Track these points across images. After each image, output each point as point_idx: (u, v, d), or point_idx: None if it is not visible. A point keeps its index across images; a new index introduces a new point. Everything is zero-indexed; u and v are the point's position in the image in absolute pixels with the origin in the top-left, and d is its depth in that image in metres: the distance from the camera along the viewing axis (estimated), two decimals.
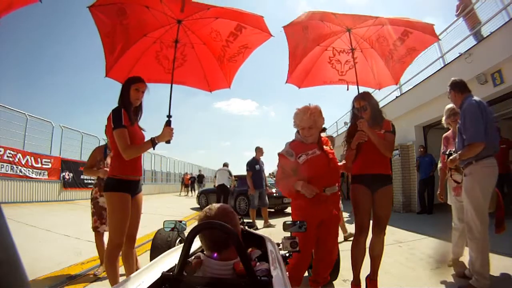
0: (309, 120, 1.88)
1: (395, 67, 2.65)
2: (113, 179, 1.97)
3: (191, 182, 18.52)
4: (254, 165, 5.96)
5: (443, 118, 2.91)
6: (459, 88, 2.41)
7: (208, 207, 1.15)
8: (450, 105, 2.78)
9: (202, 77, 2.68)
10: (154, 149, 2.06)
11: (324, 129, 4.90)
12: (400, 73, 2.73)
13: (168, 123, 2.05)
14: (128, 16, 2.10)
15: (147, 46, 2.38)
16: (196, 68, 2.62)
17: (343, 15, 2.25)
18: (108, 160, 2.87)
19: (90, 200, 2.96)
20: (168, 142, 2.03)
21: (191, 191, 18.21)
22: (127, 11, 2.08)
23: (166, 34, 2.32)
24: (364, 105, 2.25)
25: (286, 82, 2.69)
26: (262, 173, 6.12)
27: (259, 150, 6.10)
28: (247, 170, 5.96)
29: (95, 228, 2.85)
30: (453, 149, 2.58)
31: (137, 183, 2.09)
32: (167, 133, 2.01)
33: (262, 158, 6.18)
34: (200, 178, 17.72)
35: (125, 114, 1.95)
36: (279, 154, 1.98)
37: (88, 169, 2.95)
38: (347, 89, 2.77)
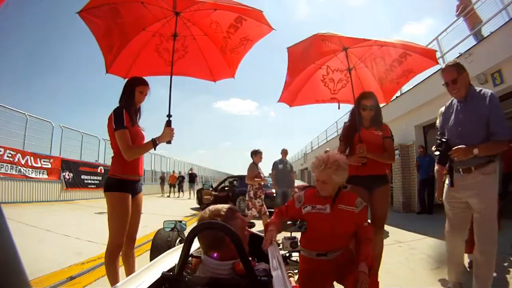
0: (322, 174, 1.57)
1: (388, 87, 2.65)
2: (114, 179, 1.97)
3: (179, 181, 16.46)
4: (277, 164, 6.26)
5: (437, 121, 2.87)
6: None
7: (209, 207, 1.16)
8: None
9: (205, 67, 2.64)
10: (155, 149, 2.06)
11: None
12: (392, 93, 2.73)
13: (168, 123, 2.03)
14: (123, 15, 2.09)
15: (146, 40, 2.37)
16: (198, 59, 2.58)
17: (345, 37, 2.22)
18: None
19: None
20: (169, 142, 2.01)
21: (180, 191, 16.27)
22: (120, 10, 2.06)
23: (165, 27, 2.29)
24: (371, 105, 2.25)
25: (278, 101, 2.71)
26: (286, 172, 6.28)
27: (284, 152, 6.41)
28: (272, 170, 6.32)
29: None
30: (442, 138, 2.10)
31: (137, 183, 2.09)
32: (167, 134, 2.00)
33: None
34: (192, 177, 15.81)
35: (127, 115, 1.95)
36: (293, 196, 1.79)
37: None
38: (338, 108, 2.80)
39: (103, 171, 11.75)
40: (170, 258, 1.25)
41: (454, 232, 2.15)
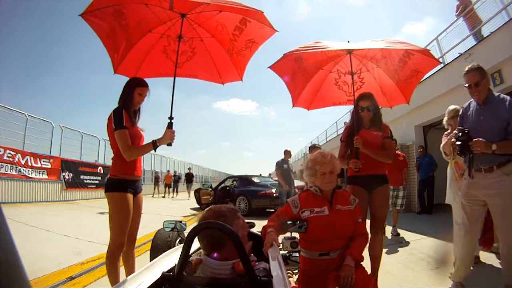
0: (329, 165, 1.66)
1: (403, 87, 2.64)
2: (114, 179, 1.97)
3: (174, 181, 15.94)
4: (282, 164, 6.38)
5: (445, 119, 2.84)
6: None
7: (209, 207, 1.16)
8: (453, 106, 2.73)
9: (213, 70, 2.63)
10: (155, 151, 2.06)
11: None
12: (409, 93, 2.67)
13: (169, 126, 2.03)
14: (126, 16, 2.09)
15: (154, 41, 2.37)
16: (206, 61, 2.57)
17: (307, 53, 2.31)
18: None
19: None
20: (169, 145, 2.02)
21: (174, 192, 15.68)
22: (124, 11, 2.06)
23: (172, 29, 2.29)
24: (368, 106, 2.26)
25: (293, 106, 2.75)
26: (290, 172, 6.44)
27: (287, 152, 6.54)
28: (276, 169, 6.44)
29: None
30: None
31: (137, 183, 2.09)
32: (168, 136, 2.00)
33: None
34: (189, 178, 15.39)
35: (126, 115, 1.95)
36: (287, 201, 1.78)
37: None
38: None
39: (102, 171, 11.74)
40: (170, 258, 1.25)
41: (470, 230, 2.17)
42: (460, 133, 2.01)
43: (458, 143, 2.02)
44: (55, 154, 9.88)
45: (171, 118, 2.05)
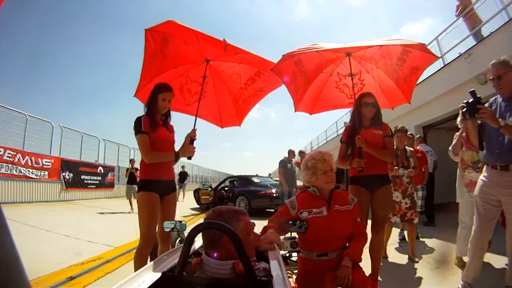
0: (328, 164, 1.67)
1: (404, 86, 2.63)
2: (141, 180, 2.11)
3: None
4: (286, 163, 6.39)
5: (458, 118, 2.82)
6: None
7: (215, 208, 1.17)
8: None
9: (216, 114, 2.87)
10: (176, 161, 2.20)
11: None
12: (410, 92, 2.66)
13: (191, 142, 2.21)
14: (168, 47, 2.27)
15: (174, 77, 2.53)
16: (212, 105, 2.81)
17: (304, 53, 2.33)
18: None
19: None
20: (189, 158, 2.23)
21: None
22: (169, 42, 2.23)
23: (193, 70, 2.55)
24: (374, 102, 2.27)
25: (295, 111, 2.75)
26: (293, 173, 6.42)
27: (291, 152, 6.59)
28: (279, 167, 6.46)
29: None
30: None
31: (165, 183, 2.13)
32: (190, 150, 2.19)
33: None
34: (183, 177, 14.38)
35: (146, 121, 2.03)
36: (285, 202, 1.78)
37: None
38: None
39: (103, 171, 11.75)
40: (170, 258, 1.25)
41: (484, 229, 2.10)
42: (471, 96, 1.91)
43: (465, 101, 1.92)
44: (55, 154, 9.90)
45: (193, 137, 2.24)
